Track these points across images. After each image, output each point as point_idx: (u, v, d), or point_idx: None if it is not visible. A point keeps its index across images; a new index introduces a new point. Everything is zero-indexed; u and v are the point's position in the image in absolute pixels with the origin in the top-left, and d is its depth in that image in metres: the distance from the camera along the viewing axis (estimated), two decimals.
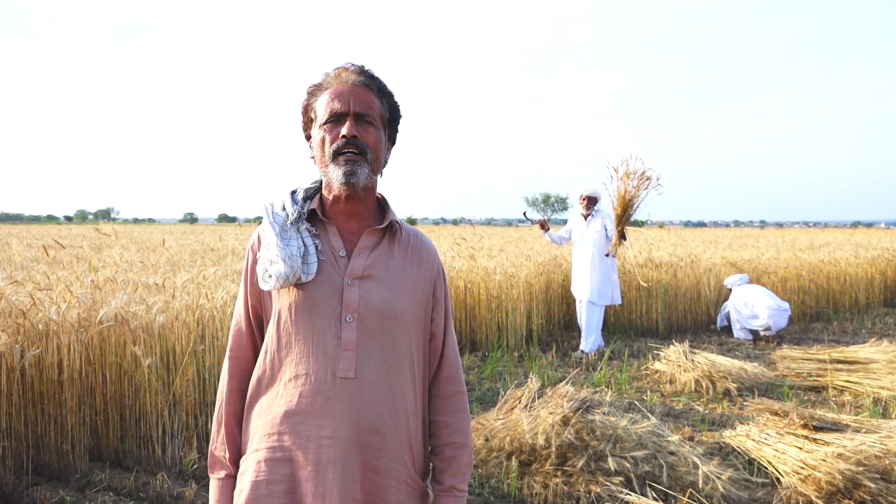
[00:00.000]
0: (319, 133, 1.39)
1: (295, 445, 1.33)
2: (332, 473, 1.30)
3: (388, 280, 1.39)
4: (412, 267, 1.44)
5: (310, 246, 1.37)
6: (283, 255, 1.33)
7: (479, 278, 7.09)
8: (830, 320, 9.41)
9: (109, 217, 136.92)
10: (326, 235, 1.41)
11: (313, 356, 1.34)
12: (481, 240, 12.75)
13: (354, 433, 1.32)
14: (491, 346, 6.89)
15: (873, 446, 3.31)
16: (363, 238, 1.41)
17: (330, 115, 1.37)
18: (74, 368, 3.55)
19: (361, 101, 1.37)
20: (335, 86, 1.39)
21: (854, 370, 5.58)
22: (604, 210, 6.96)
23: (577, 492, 3.23)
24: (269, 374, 1.38)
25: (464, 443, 1.46)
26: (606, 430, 3.44)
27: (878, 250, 12.44)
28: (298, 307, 1.36)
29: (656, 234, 16.96)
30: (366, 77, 1.40)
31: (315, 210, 1.43)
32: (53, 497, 3.24)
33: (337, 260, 1.39)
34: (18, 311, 3.55)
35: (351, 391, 1.32)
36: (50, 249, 7.94)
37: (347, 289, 1.36)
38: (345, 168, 1.34)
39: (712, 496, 3.17)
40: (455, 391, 1.48)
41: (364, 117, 1.37)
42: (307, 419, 1.33)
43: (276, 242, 1.35)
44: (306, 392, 1.33)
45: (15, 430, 3.42)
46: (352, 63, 1.42)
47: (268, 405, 1.37)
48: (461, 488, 1.45)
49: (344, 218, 1.43)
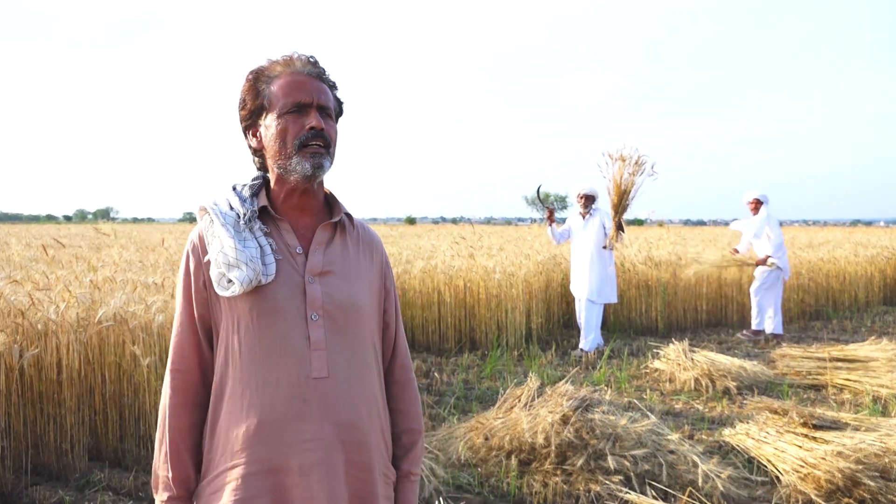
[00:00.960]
0: (278, 123, 1.32)
1: (275, 454, 1.28)
2: (318, 476, 1.28)
3: (347, 274, 1.37)
4: (365, 259, 1.43)
5: (265, 246, 1.31)
6: (243, 259, 1.26)
7: (479, 277, 7.08)
8: (830, 319, 9.41)
9: (108, 216, 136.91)
10: (279, 233, 1.36)
11: (283, 359, 1.29)
12: (480, 239, 12.74)
13: (335, 432, 1.30)
14: (490, 345, 6.88)
15: (873, 444, 3.31)
16: (318, 233, 1.37)
17: (293, 105, 1.31)
18: (73, 368, 3.55)
19: (324, 94, 1.34)
20: (290, 75, 1.34)
21: (853, 368, 5.58)
22: (602, 209, 6.97)
23: (577, 490, 3.22)
24: (234, 385, 1.31)
25: (420, 429, 1.49)
26: (606, 429, 3.44)
27: (878, 248, 12.43)
28: (261, 310, 1.29)
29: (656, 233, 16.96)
30: (320, 70, 1.37)
31: (266, 207, 1.36)
32: (52, 497, 3.23)
33: (294, 257, 1.34)
34: (17, 311, 3.55)
35: (326, 390, 1.30)
36: (49, 249, 7.94)
37: (309, 286, 1.32)
38: (312, 161, 1.31)
39: (712, 495, 3.17)
40: (409, 378, 1.49)
41: (325, 110, 1.34)
42: (285, 425, 1.28)
43: (232, 245, 1.27)
44: (280, 397, 1.28)
45: (14, 429, 3.41)
46: (303, 54, 1.37)
47: (237, 417, 1.29)
48: (416, 472, 1.47)
49: (296, 213, 1.38)
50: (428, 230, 26.84)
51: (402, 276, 7.18)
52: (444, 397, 5.09)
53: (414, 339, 7.09)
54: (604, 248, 6.82)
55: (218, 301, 1.33)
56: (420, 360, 6.42)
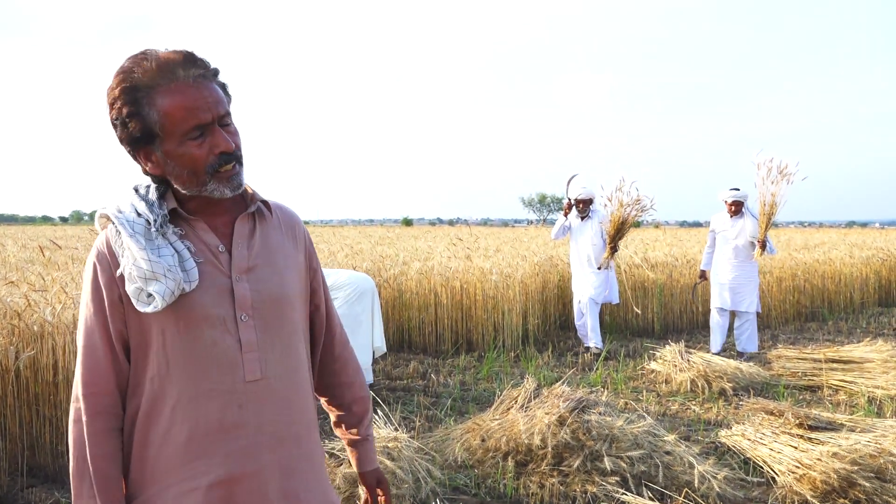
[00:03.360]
0: (181, 153, 1.19)
1: (214, 466, 1.22)
2: (266, 477, 1.25)
3: (274, 264, 1.31)
4: (289, 243, 1.37)
5: (182, 251, 1.21)
6: (160, 270, 1.16)
7: (476, 279, 7.09)
8: (825, 320, 9.44)
9: None
10: (196, 234, 1.25)
11: (214, 367, 1.22)
12: (477, 240, 12.76)
13: (274, 433, 1.27)
14: (487, 347, 6.89)
15: (868, 445, 3.32)
16: (237, 227, 1.28)
17: (193, 130, 1.18)
18: (70, 370, 3.53)
19: (219, 101, 1.20)
20: (175, 89, 1.17)
21: (849, 370, 5.59)
22: (600, 210, 6.97)
23: (574, 492, 3.23)
24: (164, 400, 1.22)
25: (367, 396, 1.53)
26: (602, 430, 3.45)
27: (873, 250, 12.47)
28: (187, 319, 1.21)
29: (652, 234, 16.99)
30: (202, 67, 1.20)
31: (176, 209, 1.25)
32: (48, 499, 3.23)
33: (217, 257, 1.25)
34: (13, 313, 3.54)
35: (261, 392, 1.26)
36: (45, 250, 7.92)
37: (237, 285, 1.25)
38: (230, 184, 1.22)
39: (708, 496, 3.18)
40: (346, 351, 1.51)
41: (224, 118, 1.22)
42: (221, 434, 1.22)
43: (145, 256, 1.17)
44: (214, 407, 1.22)
45: (10, 431, 3.41)
46: (177, 51, 1.19)
47: (169, 434, 1.22)
48: (371, 434, 1.54)
49: (209, 211, 1.28)
50: (425, 231, 26.85)
51: (399, 278, 7.18)
52: (441, 399, 5.09)
53: (411, 341, 7.09)
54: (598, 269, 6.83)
55: (137, 315, 1.22)
56: (417, 361, 6.41)
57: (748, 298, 6.51)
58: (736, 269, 6.52)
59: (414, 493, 3.13)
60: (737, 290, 6.53)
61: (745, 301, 6.51)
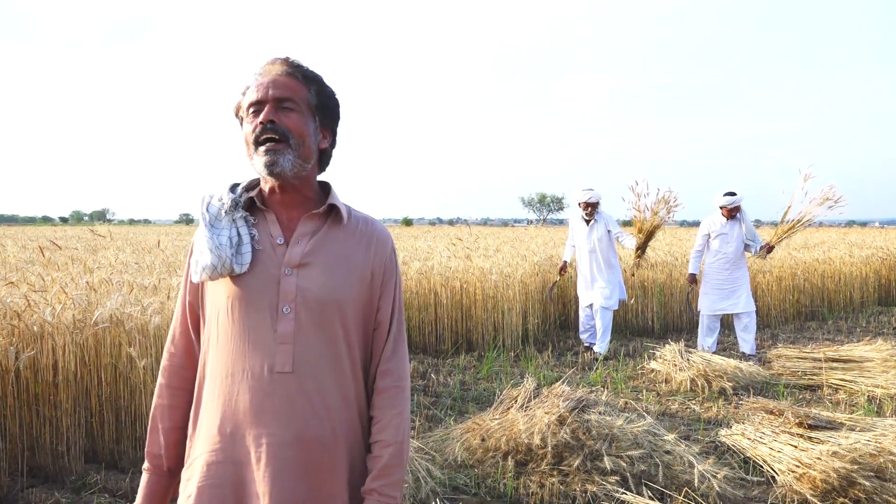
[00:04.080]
0: (243, 129, 1.35)
1: (236, 446, 1.29)
2: (274, 471, 1.26)
3: (329, 267, 1.33)
4: (359, 252, 1.37)
5: (244, 236, 1.32)
6: (210, 246, 1.28)
7: (475, 278, 7.09)
8: (825, 319, 9.44)
9: (105, 218, 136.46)
10: (265, 224, 1.36)
11: (249, 351, 1.29)
12: (477, 240, 12.76)
13: (295, 429, 1.27)
14: (487, 346, 6.89)
15: (868, 444, 3.32)
16: (301, 224, 1.35)
17: (249, 107, 1.33)
18: (69, 370, 3.54)
19: (281, 86, 1.32)
20: (255, 81, 1.36)
21: (849, 369, 5.60)
22: (605, 212, 6.87)
23: (574, 491, 3.23)
24: (208, 373, 1.34)
25: (390, 441, 1.33)
26: (602, 430, 3.45)
27: (873, 249, 12.48)
28: (234, 300, 1.31)
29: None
30: (289, 66, 1.36)
31: (254, 199, 1.38)
32: (48, 499, 3.23)
33: (274, 249, 1.33)
34: (13, 313, 3.54)
35: (289, 386, 1.27)
36: (45, 251, 7.92)
37: (285, 279, 1.30)
38: (266, 158, 1.29)
39: (708, 495, 3.18)
40: (390, 386, 1.37)
41: (283, 102, 1.32)
42: (246, 417, 1.28)
43: (205, 233, 1.31)
44: (243, 389, 1.28)
45: (10, 431, 3.40)
46: (277, 56, 1.38)
47: (208, 405, 1.33)
48: (384, 493, 1.30)
49: (283, 207, 1.38)
50: (424, 231, 26.84)
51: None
52: (441, 398, 5.09)
53: (411, 341, 7.08)
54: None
55: (204, 290, 1.37)
56: (416, 361, 6.42)
57: (744, 299, 6.51)
58: (730, 273, 6.52)
59: (414, 493, 3.13)
60: (733, 292, 6.54)
61: (741, 302, 6.51)
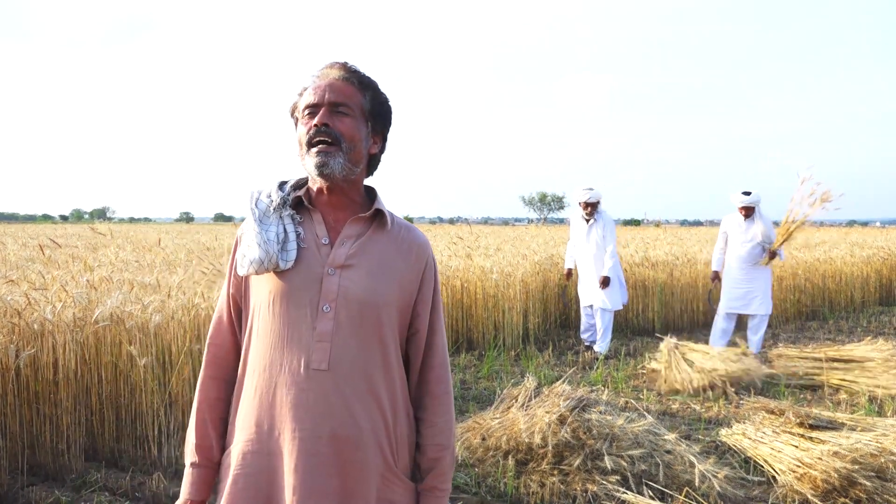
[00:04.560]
0: (297, 130, 1.40)
1: (270, 438, 1.32)
2: (306, 466, 1.29)
3: (372, 270, 1.36)
4: (400, 258, 1.41)
5: (290, 233, 1.36)
6: (259, 240, 1.32)
7: (476, 277, 7.08)
8: (826, 319, 9.44)
9: (105, 216, 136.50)
10: (311, 223, 1.40)
11: (288, 346, 1.32)
12: (478, 239, 12.74)
13: (329, 426, 1.30)
14: (487, 346, 6.88)
15: (869, 444, 3.31)
16: (347, 226, 1.39)
17: (305, 108, 1.37)
18: (70, 368, 3.53)
19: (337, 91, 1.36)
20: (312, 83, 1.40)
21: (849, 369, 5.59)
22: (604, 212, 6.81)
23: (574, 491, 3.23)
24: (249, 365, 1.38)
25: (447, 444, 1.44)
26: (603, 429, 3.44)
27: (874, 249, 12.47)
28: (276, 296, 1.34)
29: (652, 233, 16.98)
30: (346, 71, 1.40)
31: (301, 198, 1.42)
32: (49, 497, 3.22)
33: (319, 248, 1.37)
34: (13, 311, 3.53)
35: (324, 383, 1.31)
36: (45, 249, 7.92)
37: (327, 278, 1.33)
38: (317, 159, 1.34)
39: (708, 494, 3.18)
40: (441, 392, 1.45)
41: (339, 107, 1.36)
42: (281, 411, 1.32)
43: (254, 228, 1.34)
44: (280, 383, 1.32)
45: (10, 430, 3.40)
46: (336, 60, 1.42)
47: (247, 396, 1.37)
48: (443, 488, 1.44)
49: (331, 209, 1.42)
50: (425, 230, 26.78)
51: None
52: None
53: None
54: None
55: (248, 284, 1.41)
56: None
57: (758, 300, 6.45)
58: (747, 272, 6.46)
59: None
60: (749, 292, 6.48)
61: (755, 303, 6.46)
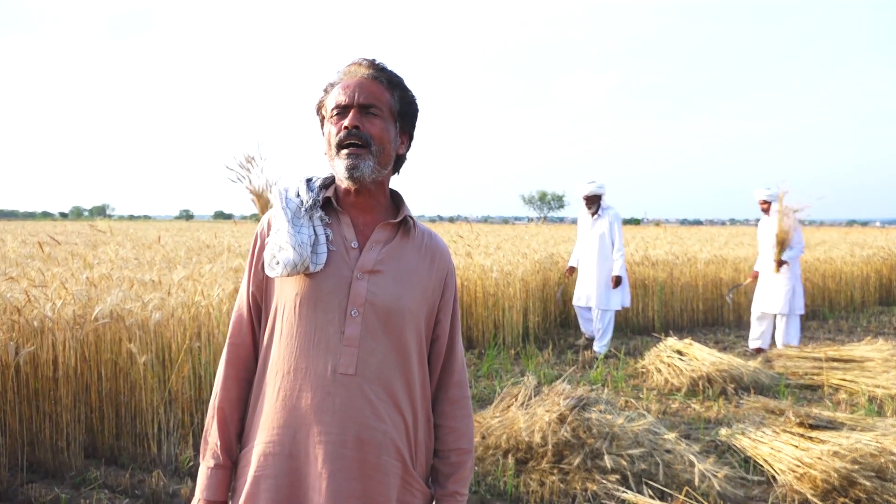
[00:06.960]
0: (326, 129, 1.38)
1: (294, 440, 1.32)
2: (331, 469, 1.29)
3: (398, 276, 1.37)
4: (424, 265, 1.42)
5: (321, 235, 1.35)
6: (293, 242, 1.30)
7: (476, 276, 7.08)
8: (826, 319, 9.44)
9: (105, 214, 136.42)
10: (339, 226, 1.39)
11: (314, 350, 1.32)
12: (478, 237, 12.73)
13: (353, 430, 1.31)
14: (487, 344, 6.88)
15: (868, 444, 3.32)
16: (376, 231, 1.39)
17: (334, 108, 1.36)
18: (69, 365, 3.53)
19: (366, 92, 1.35)
20: (341, 81, 1.38)
21: (849, 368, 5.59)
22: (611, 207, 6.65)
23: (574, 490, 3.23)
24: (270, 366, 1.36)
25: (469, 449, 1.46)
26: (603, 428, 3.44)
27: (874, 249, 12.47)
28: (303, 298, 1.33)
29: (653, 232, 16.97)
30: (375, 70, 1.38)
31: (330, 199, 1.40)
32: (48, 494, 3.22)
33: (348, 252, 1.36)
34: (13, 308, 3.53)
35: (350, 387, 1.31)
36: (45, 246, 7.92)
37: (356, 282, 1.33)
38: (347, 162, 1.33)
39: (708, 494, 3.18)
40: (462, 396, 1.47)
41: (369, 108, 1.35)
42: (306, 414, 1.31)
43: (287, 229, 1.32)
44: (305, 386, 1.31)
45: (10, 427, 3.40)
46: (364, 58, 1.40)
47: (268, 398, 1.35)
48: (463, 492, 1.45)
49: (358, 211, 1.41)
50: None
51: None
52: None
53: None
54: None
55: (271, 284, 1.39)
56: None
57: (782, 299, 6.42)
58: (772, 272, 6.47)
59: None
60: (774, 291, 6.48)
61: (779, 302, 6.43)
